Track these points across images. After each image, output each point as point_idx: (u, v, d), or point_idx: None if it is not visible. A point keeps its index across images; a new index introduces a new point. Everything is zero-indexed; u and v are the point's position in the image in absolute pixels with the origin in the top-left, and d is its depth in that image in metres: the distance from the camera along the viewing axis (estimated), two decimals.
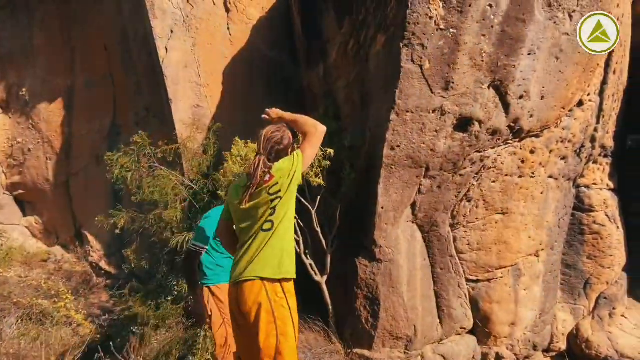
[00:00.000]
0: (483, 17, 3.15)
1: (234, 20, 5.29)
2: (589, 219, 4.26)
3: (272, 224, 1.58)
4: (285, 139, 1.74)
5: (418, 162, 3.49)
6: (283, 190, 1.59)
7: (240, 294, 1.56)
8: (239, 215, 1.69)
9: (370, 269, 3.62)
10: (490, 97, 3.36)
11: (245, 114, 5.05)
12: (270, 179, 1.61)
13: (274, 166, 1.66)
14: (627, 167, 4.74)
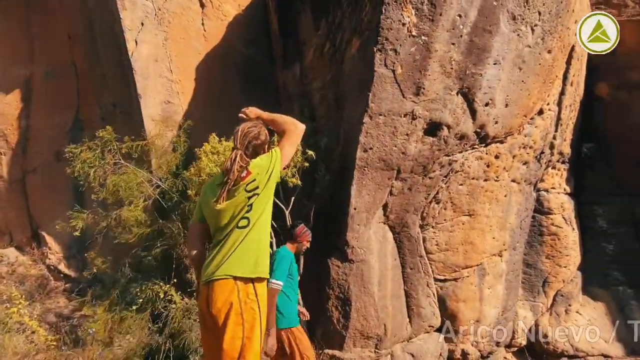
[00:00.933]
0: (453, 27, 3.27)
1: (209, 15, 5.17)
2: (547, 221, 4.53)
3: (249, 221, 1.54)
4: (262, 135, 1.70)
5: (390, 164, 3.57)
6: (261, 187, 1.56)
7: (211, 294, 1.50)
8: (214, 214, 1.62)
9: (343, 269, 3.65)
10: (459, 103, 3.49)
11: (219, 111, 4.94)
12: (248, 175, 1.57)
13: (251, 162, 1.61)
14: (582, 174, 5.09)
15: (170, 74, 4.90)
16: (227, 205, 1.56)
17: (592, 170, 5.14)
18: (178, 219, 3.77)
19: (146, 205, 3.67)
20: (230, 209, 1.57)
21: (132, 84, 4.59)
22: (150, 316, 3.87)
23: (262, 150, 1.68)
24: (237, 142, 1.66)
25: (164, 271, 3.95)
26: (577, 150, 5.02)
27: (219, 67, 5.11)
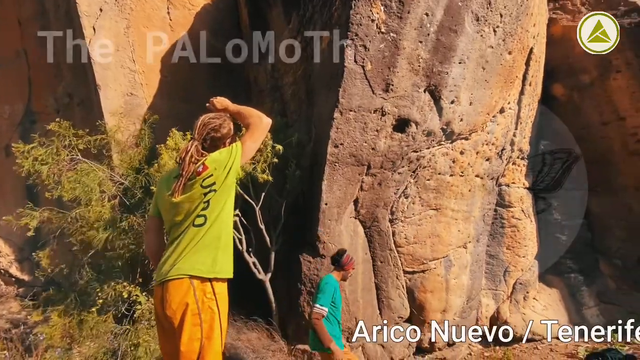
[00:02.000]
0: (420, 25, 3.34)
1: (175, 5, 4.95)
2: (508, 214, 4.78)
3: (205, 219, 1.47)
4: (224, 128, 1.61)
5: (360, 160, 3.61)
6: (218, 183, 1.48)
7: (165, 294, 1.43)
8: (169, 209, 1.54)
9: (314, 264, 3.66)
10: (426, 100, 3.59)
11: (186, 105, 4.76)
12: (204, 170, 1.48)
13: (209, 156, 1.53)
14: (540, 169, 5.42)
15: (133, 64, 4.65)
16: (183, 199, 1.49)
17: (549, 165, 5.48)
18: (142, 216, 3.60)
19: (111, 203, 3.47)
20: (185, 204, 1.50)
21: (90, 75, 4.31)
22: (114, 318, 3.69)
23: (222, 144, 1.61)
24: (195, 132, 1.58)
25: (129, 271, 3.77)
26: (535, 147, 5.33)
27: (186, 59, 4.91)
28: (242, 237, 3.55)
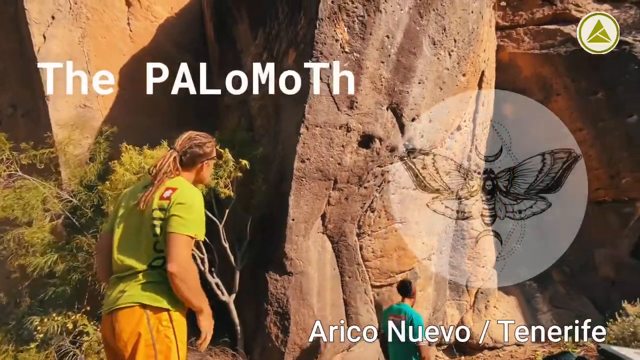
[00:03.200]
0: (382, 46, 3.51)
1: (136, 16, 4.81)
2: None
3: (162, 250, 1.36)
4: (208, 147, 1.55)
5: (327, 174, 3.63)
6: (163, 221, 1.36)
7: (115, 324, 1.31)
8: (128, 223, 1.44)
9: (281, 282, 3.56)
10: (389, 117, 3.73)
11: (147, 118, 4.57)
12: (169, 197, 1.38)
13: (179, 183, 1.43)
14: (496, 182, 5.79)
15: (88, 74, 4.40)
16: (145, 215, 1.39)
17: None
18: (93, 236, 3.33)
19: (52, 224, 3.16)
20: (146, 222, 1.39)
21: (38, 84, 4.02)
22: (57, 353, 3.30)
23: (200, 163, 1.54)
24: (177, 143, 1.51)
25: (75, 298, 3.43)
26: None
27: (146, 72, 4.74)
28: (204, 257, 3.39)
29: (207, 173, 1.62)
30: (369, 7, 3.31)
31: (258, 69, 4.20)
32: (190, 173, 1.54)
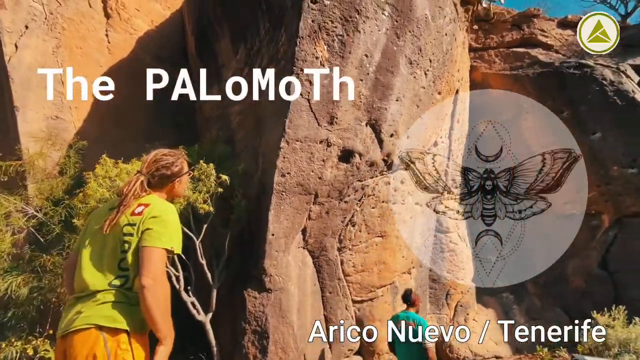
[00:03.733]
0: (360, 65, 3.61)
1: (115, 28, 4.75)
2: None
3: (126, 273, 1.31)
4: (176, 166, 1.50)
5: (308, 189, 3.63)
6: (135, 238, 1.32)
7: (69, 349, 1.23)
8: (93, 244, 1.38)
9: (260, 300, 3.47)
10: (368, 133, 3.80)
11: (122, 131, 4.46)
12: (141, 212, 1.35)
13: (152, 199, 1.40)
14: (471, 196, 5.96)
15: (62, 85, 4.27)
16: (109, 235, 1.35)
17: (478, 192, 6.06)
18: (59, 254, 3.15)
19: (12, 238, 2.97)
20: (110, 243, 1.35)
21: (7, 94, 3.85)
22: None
23: (171, 183, 1.51)
24: (144, 167, 1.47)
25: (37, 322, 3.20)
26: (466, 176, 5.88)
27: (126, 83, 4.66)
28: (179, 275, 3.27)
29: (180, 189, 1.59)
30: (348, 27, 3.42)
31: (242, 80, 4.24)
32: (162, 193, 1.51)
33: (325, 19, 3.37)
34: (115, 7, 4.81)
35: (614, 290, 5.62)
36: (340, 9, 3.38)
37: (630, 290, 5.42)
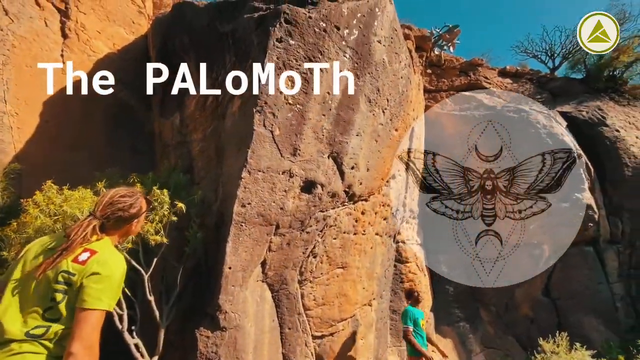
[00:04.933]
0: (323, 101, 3.78)
1: (73, 49, 4.58)
2: (405, 269, 5.23)
3: (59, 314, 1.19)
4: (134, 207, 1.41)
5: (269, 219, 3.58)
6: (72, 291, 1.20)
7: None
8: (22, 283, 1.22)
9: (213, 339, 3.24)
10: (330, 165, 3.91)
11: (73, 153, 4.17)
12: (85, 262, 1.22)
13: (101, 246, 1.28)
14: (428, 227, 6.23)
15: (4, 104, 3.97)
16: (43, 279, 1.21)
17: (434, 223, 6.36)
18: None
19: None
20: (41, 287, 1.21)
21: None
22: None
23: (129, 226, 1.43)
24: (97, 209, 1.35)
25: None
26: (423, 208, 6.18)
27: (78, 105, 4.43)
28: (123, 314, 2.98)
29: (137, 228, 1.51)
30: (311, 65, 3.61)
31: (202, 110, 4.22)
32: (116, 235, 1.42)
33: (290, 57, 3.53)
34: (74, 28, 4.67)
35: (557, 316, 6.02)
36: (305, 49, 3.57)
37: (571, 317, 5.84)
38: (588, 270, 5.98)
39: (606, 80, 8.25)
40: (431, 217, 6.27)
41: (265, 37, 3.48)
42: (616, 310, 5.85)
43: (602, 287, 5.91)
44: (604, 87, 8.13)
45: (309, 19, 3.63)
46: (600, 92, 8.07)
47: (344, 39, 3.85)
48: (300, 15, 3.59)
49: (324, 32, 3.70)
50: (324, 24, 3.70)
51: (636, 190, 6.39)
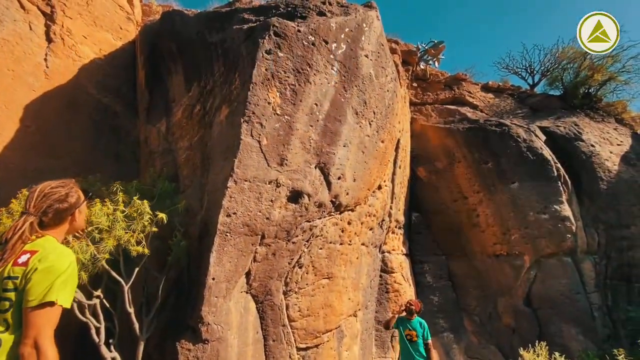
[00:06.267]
0: (311, 112, 3.83)
1: (57, 53, 4.51)
2: (391, 279, 5.26)
3: (7, 324, 1.12)
4: (72, 197, 1.34)
5: (254, 229, 3.56)
6: (18, 291, 1.14)
7: None
8: None
9: (194, 353, 3.16)
10: (317, 175, 3.93)
11: (55, 161, 4.07)
12: (26, 263, 1.15)
13: (42, 244, 1.20)
14: (413, 237, 6.31)
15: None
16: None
17: (419, 234, 6.44)
18: None
19: None
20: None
21: None
22: None
23: (70, 217, 1.35)
24: (30, 205, 1.28)
25: None
26: (408, 218, 6.26)
27: (60, 111, 4.35)
28: (100, 326, 2.88)
29: (81, 221, 1.42)
30: (299, 77, 3.66)
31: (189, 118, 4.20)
32: (58, 231, 1.34)
33: (278, 69, 3.57)
34: (59, 32, 4.60)
35: (539, 326, 6.15)
36: (293, 61, 3.63)
37: (551, 326, 5.97)
38: (567, 280, 6.15)
39: (582, 97, 8.66)
40: (416, 227, 6.35)
41: (254, 49, 3.52)
42: (594, 319, 6.02)
43: (580, 297, 6.08)
44: (580, 104, 8.53)
45: (298, 32, 3.70)
46: (576, 108, 8.45)
47: (332, 52, 3.93)
48: (289, 28, 3.66)
49: (312, 45, 3.77)
50: (312, 38, 3.77)
51: (610, 204, 6.67)
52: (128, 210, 2.93)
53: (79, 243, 2.71)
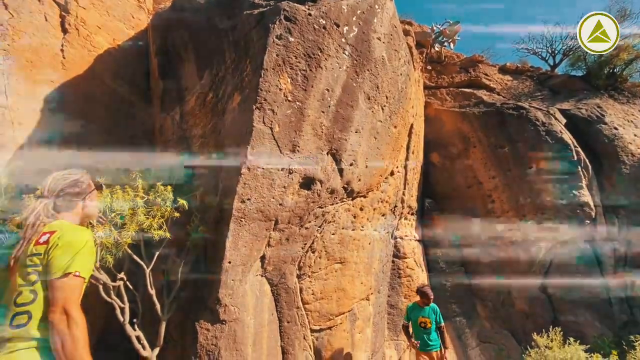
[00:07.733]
0: (322, 98, 3.80)
1: (73, 43, 4.59)
2: (403, 264, 5.29)
3: (35, 294, 1.20)
4: (83, 184, 1.43)
5: (268, 215, 3.63)
6: (42, 268, 1.22)
7: None
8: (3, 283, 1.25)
9: (213, 332, 3.31)
10: (329, 162, 3.94)
11: (73, 152, 4.20)
12: (47, 241, 1.23)
13: (59, 225, 1.28)
14: (426, 223, 6.29)
15: (5, 98, 3.99)
16: (16, 270, 1.24)
17: (432, 220, 6.41)
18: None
19: None
20: (15, 278, 1.24)
21: None
22: None
23: (82, 201, 1.43)
24: (45, 189, 1.39)
25: None
26: (421, 204, 6.23)
27: (80, 101, 4.46)
28: (124, 307, 3.04)
29: (92, 208, 1.51)
30: (310, 63, 3.62)
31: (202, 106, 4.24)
32: (71, 215, 1.42)
33: (289, 54, 3.54)
34: (74, 23, 4.67)
35: (553, 312, 6.10)
36: (304, 46, 3.59)
37: (566, 312, 5.92)
38: (584, 267, 6.04)
39: (606, 77, 8.25)
40: (429, 213, 6.32)
41: (265, 34, 3.49)
42: (611, 306, 5.93)
43: (598, 283, 5.98)
44: (604, 85, 8.13)
45: (309, 16, 3.64)
46: (599, 89, 8.07)
47: (343, 36, 3.86)
48: (300, 12, 3.60)
49: (323, 29, 3.71)
50: (323, 21, 3.71)
51: (632, 188, 6.43)
52: (150, 196, 3.03)
53: (103, 228, 2.84)
